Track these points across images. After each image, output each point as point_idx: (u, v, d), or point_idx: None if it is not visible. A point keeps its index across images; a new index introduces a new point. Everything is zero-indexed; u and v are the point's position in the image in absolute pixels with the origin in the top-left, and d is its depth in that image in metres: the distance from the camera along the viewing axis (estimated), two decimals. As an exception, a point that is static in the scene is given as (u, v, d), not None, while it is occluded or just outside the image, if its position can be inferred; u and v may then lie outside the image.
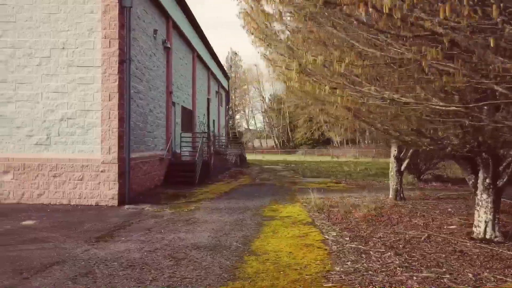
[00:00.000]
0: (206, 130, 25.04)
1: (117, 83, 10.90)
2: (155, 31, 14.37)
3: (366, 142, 64.27)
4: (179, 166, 16.14)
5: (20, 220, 8.86)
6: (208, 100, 27.66)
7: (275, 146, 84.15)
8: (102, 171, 10.87)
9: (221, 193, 13.65)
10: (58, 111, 11.05)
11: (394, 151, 10.86)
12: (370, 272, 5.13)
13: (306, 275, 5.05)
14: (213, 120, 30.63)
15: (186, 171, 15.93)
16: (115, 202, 10.82)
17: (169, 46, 16.00)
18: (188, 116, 20.95)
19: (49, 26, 11.04)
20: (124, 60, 11.08)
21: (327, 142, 70.99)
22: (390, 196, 10.90)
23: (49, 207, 10.42)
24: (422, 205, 10.39)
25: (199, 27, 21.19)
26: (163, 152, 15.55)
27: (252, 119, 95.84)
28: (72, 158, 10.95)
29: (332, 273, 5.11)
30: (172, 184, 15.11)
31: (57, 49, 11.04)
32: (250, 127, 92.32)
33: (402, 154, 11.15)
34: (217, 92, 32.45)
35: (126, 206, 10.66)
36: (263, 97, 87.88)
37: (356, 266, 5.35)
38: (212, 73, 28.85)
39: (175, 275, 5.19)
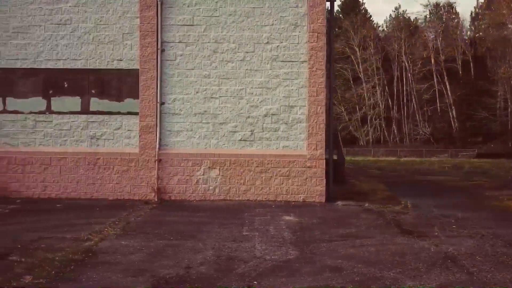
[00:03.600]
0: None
1: (324, 78, 10.77)
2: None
3: (392, 141, 64.22)
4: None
5: (272, 216, 8.73)
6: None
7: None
8: (309, 167, 10.74)
9: (385, 190, 13.49)
10: (262, 106, 10.91)
11: None
12: None
13: None
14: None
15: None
16: (323, 199, 10.69)
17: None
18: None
19: (253, 20, 10.90)
20: (329, 55, 10.96)
21: (352, 141, 70.59)
22: None
23: (267, 203, 10.29)
24: None
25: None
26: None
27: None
28: (277, 154, 10.81)
29: None
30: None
31: (261, 44, 10.90)
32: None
33: None
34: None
35: (340, 203, 10.55)
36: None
37: None
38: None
39: None
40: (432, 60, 58.54)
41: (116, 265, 5.30)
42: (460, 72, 58.94)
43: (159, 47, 10.82)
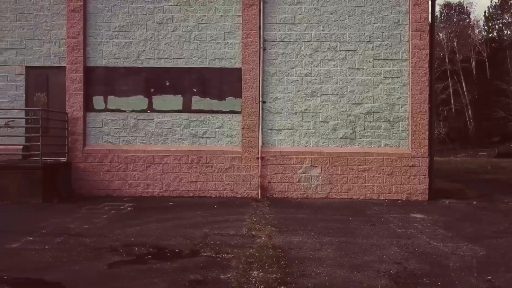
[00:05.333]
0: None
1: (427, 76, 10.79)
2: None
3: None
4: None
5: (400, 214, 8.75)
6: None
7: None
8: (412, 166, 10.76)
9: (466, 189, 13.50)
10: (363, 105, 10.94)
11: None
12: None
13: None
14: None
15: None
16: (426, 197, 10.71)
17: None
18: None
19: (354, 19, 10.94)
20: (430, 53, 10.96)
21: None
22: None
23: (375, 202, 10.32)
24: None
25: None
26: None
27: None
28: (379, 152, 10.83)
29: None
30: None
31: (362, 42, 10.93)
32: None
33: None
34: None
35: (446, 201, 10.55)
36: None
37: None
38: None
39: None
40: (447, 60, 58.45)
41: (324, 261, 5.32)
42: (474, 72, 58.92)
43: (261, 45, 10.86)
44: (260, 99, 10.87)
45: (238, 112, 10.97)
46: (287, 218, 8.14)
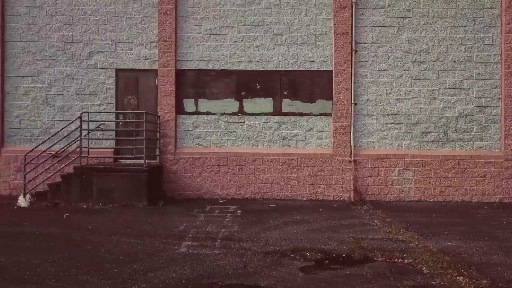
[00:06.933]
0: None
1: (521, 78, 10.78)
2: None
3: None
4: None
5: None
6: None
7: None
8: (505, 168, 10.74)
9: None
10: (455, 107, 10.92)
11: None
12: None
13: None
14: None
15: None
16: (519, 199, 10.72)
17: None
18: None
19: (446, 21, 10.92)
20: (522, 56, 10.94)
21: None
22: None
23: (471, 205, 10.30)
24: None
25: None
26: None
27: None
28: (471, 154, 10.81)
29: None
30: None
31: (454, 45, 10.91)
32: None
33: None
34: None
35: (542, 203, 10.55)
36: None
37: None
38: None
39: None
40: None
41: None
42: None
43: (353, 48, 10.85)
44: (352, 101, 10.86)
45: (329, 115, 10.96)
46: (409, 222, 8.12)
